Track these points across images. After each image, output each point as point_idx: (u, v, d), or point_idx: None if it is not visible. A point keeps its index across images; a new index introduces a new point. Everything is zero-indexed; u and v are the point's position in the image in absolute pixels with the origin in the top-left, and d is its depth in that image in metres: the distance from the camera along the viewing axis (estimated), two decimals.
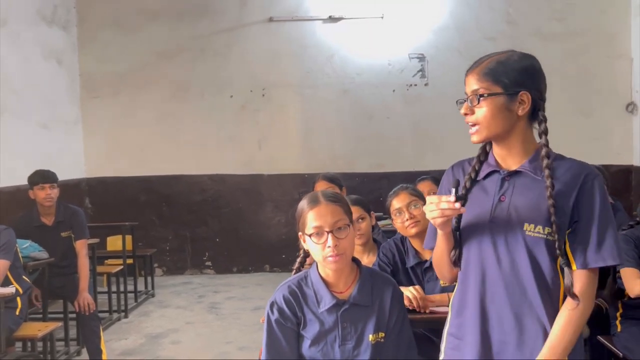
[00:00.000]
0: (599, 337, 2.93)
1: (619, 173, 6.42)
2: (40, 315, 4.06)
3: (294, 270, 1.87)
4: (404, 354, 1.75)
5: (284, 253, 6.86)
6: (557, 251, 1.43)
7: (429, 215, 1.48)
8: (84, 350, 4.08)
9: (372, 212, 2.85)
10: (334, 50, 7.00)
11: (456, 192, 1.45)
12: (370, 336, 1.71)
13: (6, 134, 5.30)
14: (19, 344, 3.67)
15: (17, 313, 3.34)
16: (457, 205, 1.43)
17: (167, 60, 7.00)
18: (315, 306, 1.72)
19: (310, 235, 1.69)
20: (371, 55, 6.96)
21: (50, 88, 6.33)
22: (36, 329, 3.48)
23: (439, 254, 1.61)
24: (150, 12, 6.99)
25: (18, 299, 3.34)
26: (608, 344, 2.84)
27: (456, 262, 1.58)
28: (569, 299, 1.45)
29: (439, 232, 1.55)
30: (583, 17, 6.82)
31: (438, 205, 1.44)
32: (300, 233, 1.76)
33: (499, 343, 1.50)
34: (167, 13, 7.01)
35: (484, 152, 1.60)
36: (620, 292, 2.75)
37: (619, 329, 2.79)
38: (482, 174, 1.57)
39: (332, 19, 6.96)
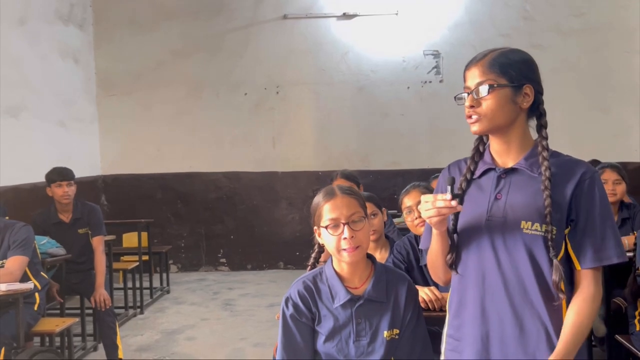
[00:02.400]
0: (617, 336, 2.89)
1: (638, 171, 6.32)
2: (58, 311, 4.12)
3: (309, 267, 1.86)
4: (419, 352, 1.73)
5: (298, 250, 6.87)
6: (550, 242, 1.40)
7: (424, 215, 1.46)
8: (101, 346, 4.13)
9: (383, 208, 2.85)
10: (348, 47, 6.99)
11: (452, 189, 1.42)
12: (385, 332, 1.69)
13: (24, 132, 5.38)
14: (37, 339, 3.73)
15: (35, 308, 3.38)
16: (454, 203, 1.40)
17: (182, 59, 7.05)
18: (330, 302, 1.72)
19: (326, 227, 1.69)
20: (386, 52, 6.94)
21: (67, 86, 6.40)
22: (54, 324, 3.53)
23: (433, 254, 1.59)
24: (165, 11, 7.04)
25: (36, 294, 3.37)
26: (626, 343, 2.80)
27: (452, 266, 1.56)
28: (574, 300, 1.43)
29: (434, 231, 1.52)
30: (602, 13, 6.72)
31: (434, 204, 1.42)
32: (315, 227, 1.76)
33: (499, 343, 1.47)
34: (183, 12, 7.05)
35: (478, 152, 1.59)
36: None
37: (637, 328, 2.75)
38: (478, 172, 1.56)
39: (346, 16, 6.95)
